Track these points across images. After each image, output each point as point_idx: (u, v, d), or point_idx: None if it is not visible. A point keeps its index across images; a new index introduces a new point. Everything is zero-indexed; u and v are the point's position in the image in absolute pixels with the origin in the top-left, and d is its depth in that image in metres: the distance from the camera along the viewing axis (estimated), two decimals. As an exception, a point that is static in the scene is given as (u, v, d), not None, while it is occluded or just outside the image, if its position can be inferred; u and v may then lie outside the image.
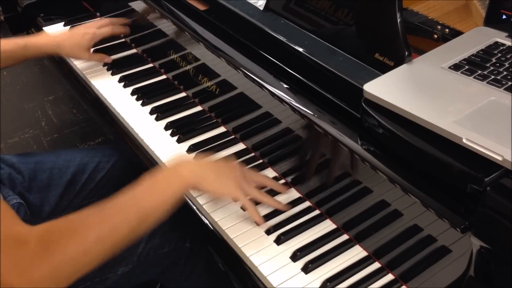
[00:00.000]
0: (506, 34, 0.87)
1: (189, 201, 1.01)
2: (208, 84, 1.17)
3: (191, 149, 1.09)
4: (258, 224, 0.93)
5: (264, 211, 0.97)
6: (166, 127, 1.16)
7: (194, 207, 1.00)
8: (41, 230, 0.72)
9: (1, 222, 0.68)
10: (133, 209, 0.78)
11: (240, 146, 1.11)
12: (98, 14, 1.56)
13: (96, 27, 1.30)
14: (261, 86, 0.99)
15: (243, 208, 0.97)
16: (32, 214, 1.13)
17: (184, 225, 1.13)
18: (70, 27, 1.47)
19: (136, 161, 1.18)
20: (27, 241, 0.69)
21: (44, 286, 0.69)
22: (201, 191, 0.88)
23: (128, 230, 0.77)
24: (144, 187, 0.81)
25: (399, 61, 0.85)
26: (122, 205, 0.78)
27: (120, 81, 1.30)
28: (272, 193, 0.99)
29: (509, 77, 0.78)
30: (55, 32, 1.34)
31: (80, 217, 0.75)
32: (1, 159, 1.16)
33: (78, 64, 1.36)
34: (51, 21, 1.55)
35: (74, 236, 0.72)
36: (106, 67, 1.35)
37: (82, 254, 0.73)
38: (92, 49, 1.38)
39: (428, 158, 0.73)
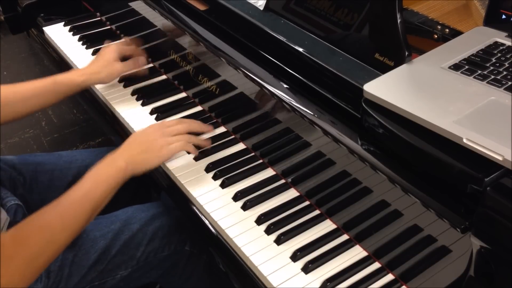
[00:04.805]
0: (506, 34, 0.87)
1: (189, 201, 1.02)
2: (208, 84, 1.17)
3: (191, 149, 1.09)
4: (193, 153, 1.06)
5: (263, 210, 0.97)
6: (166, 127, 1.16)
7: (194, 207, 1.00)
8: (13, 231, 0.83)
9: None
10: (86, 202, 0.90)
11: (240, 146, 1.11)
12: (98, 14, 1.56)
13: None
14: (261, 86, 0.99)
15: (243, 209, 0.98)
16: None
17: (184, 229, 1.13)
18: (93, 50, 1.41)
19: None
20: (3, 243, 0.80)
21: (22, 275, 0.82)
22: (140, 173, 1.00)
23: (85, 218, 0.90)
24: (91, 182, 0.93)
25: (399, 61, 0.85)
26: (77, 198, 0.90)
27: (120, 81, 1.30)
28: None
29: (509, 77, 0.78)
30: None
31: (44, 214, 0.86)
32: (2, 160, 1.16)
33: (80, 65, 1.36)
34: (51, 21, 1.55)
35: (42, 230, 0.84)
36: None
37: (50, 243, 0.85)
38: (92, 49, 1.37)
39: (428, 158, 0.73)
